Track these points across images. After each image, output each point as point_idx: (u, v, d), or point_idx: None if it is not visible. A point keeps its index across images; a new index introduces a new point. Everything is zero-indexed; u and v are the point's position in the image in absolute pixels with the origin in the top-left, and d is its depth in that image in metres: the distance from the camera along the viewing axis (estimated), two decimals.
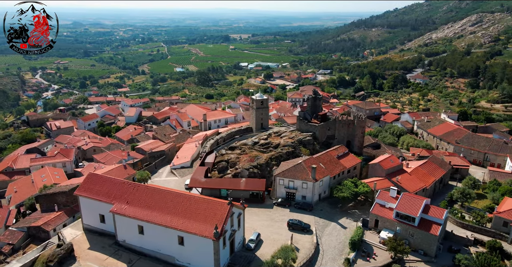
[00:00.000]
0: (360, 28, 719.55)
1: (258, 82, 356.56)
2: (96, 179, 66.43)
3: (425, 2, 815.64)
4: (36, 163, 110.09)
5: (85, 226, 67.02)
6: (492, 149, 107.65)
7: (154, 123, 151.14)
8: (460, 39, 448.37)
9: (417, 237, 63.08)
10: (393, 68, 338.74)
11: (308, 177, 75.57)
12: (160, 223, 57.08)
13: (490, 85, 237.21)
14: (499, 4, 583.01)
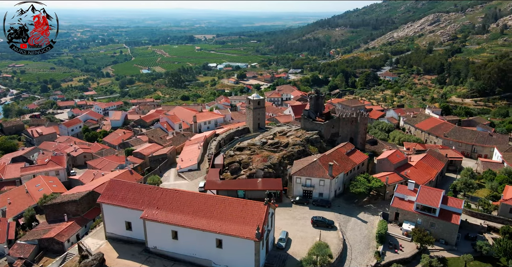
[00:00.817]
0: (324, 28, 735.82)
1: (232, 83, 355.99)
2: (119, 185, 64.46)
3: (383, 2, 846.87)
4: (27, 172, 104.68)
5: (109, 235, 64.85)
6: (478, 141, 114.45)
7: (143, 127, 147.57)
8: (421, 37, 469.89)
9: (438, 227, 66.27)
10: (363, 66, 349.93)
11: (325, 174, 77.19)
12: (197, 227, 56.42)
13: (456, 81, 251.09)
14: (453, 4, 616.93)
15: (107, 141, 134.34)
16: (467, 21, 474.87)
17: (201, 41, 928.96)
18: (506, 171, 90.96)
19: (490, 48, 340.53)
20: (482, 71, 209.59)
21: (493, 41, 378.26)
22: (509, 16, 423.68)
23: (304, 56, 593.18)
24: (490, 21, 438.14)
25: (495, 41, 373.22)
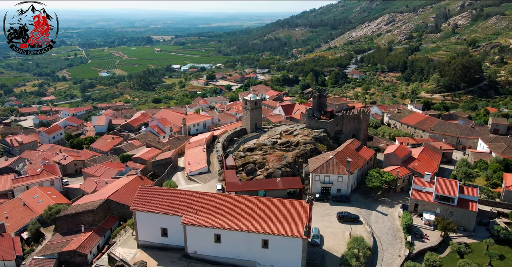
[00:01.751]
0: (284, 28, 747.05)
1: (201, 84, 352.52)
2: (151, 191, 62.93)
3: (338, 3, 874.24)
4: (20, 184, 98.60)
5: (141, 243, 63.06)
6: (463, 133, 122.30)
7: (130, 131, 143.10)
8: (380, 37, 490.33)
9: (456, 215, 70.59)
10: (330, 65, 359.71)
11: (343, 170, 79.54)
12: (242, 228, 56.43)
13: (421, 78, 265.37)
14: (405, 4, 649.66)
15: (96, 147, 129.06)
16: (420, 21, 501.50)
17: (160, 42, 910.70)
18: (496, 160, 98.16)
19: (446, 46, 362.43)
20: (447, 68, 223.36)
21: (446, 39, 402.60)
22: (458, 16, 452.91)
23: (267, 56, 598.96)
24: (441, 20, 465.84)
25: (448, 40, 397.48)
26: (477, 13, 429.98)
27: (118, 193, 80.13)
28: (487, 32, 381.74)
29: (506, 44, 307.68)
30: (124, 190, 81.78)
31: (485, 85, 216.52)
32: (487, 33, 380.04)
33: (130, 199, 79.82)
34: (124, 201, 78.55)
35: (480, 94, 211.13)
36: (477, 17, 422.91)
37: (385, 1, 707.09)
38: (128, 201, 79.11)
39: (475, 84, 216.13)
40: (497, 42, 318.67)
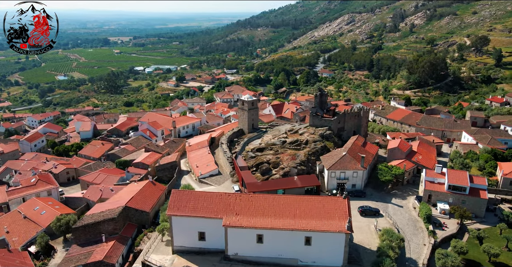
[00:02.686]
0: (246, 28, 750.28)
1: (171, 86, 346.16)
2: (185, 196, 61.99)
3: (297, 3, 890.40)
4: (16, 195, 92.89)
5: (177, 248, 62.01)
6: (447, 126, 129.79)
7: (118, 136, 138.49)
8: (342, 36, 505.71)
9: (468, 203, 75.30)
10: (299, 65, 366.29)
11: (357, 166, 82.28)
12: (285, 227, 57.14)
13: (389, 76, 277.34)
14: (362, 5, 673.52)
15: (86, 154, 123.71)
16: (378, 21, 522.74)
17: (117, 44, 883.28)
18: (485, 151, 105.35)
19: (406, 45, 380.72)
20: (415, 66, 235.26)
21: (405, 38, 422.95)
22: (414, 16, 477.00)
23: (232, 56, 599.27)
24: (398, 20, 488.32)
25: (407, 39, 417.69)
26: (431, 14, 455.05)
27: (134, 200, 77.89)
28: (442, 31, 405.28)
29: (461, 42, 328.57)
30: (140, 196, 79.62)
31: (450, 81, 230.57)
32: (442, 32, 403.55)
33: (147, 205, 78.43)
34: (142, 208, 76.62)
35: (447, 89, 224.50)
36: (432, 17, 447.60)
37: (343, 2, 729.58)
38: (146, 207, 77.53)
39: (442, 80, 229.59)
40: (454, 41, 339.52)
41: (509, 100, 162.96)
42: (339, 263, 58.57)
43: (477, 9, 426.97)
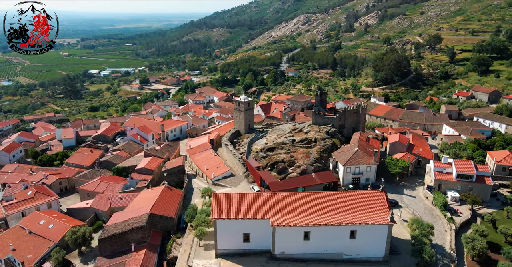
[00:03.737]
0: (202, 29, 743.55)
1: (135, 89, 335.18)
2: (227, 198, 61.65)
3: (251, 4, 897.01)
4: (15, 210, 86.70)
5: (221, 252, 61.52)
6: (428, 120, 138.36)
7: (105, 142, 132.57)
8: (301, 36, 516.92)
9: (475, 190, 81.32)
10: (264, 65, 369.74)
11: (370, 161, 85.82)
12: (331, 223, 58.81)
13: (354, 73, 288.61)
14: (315, 5, 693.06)
15: (75, 162, 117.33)
16: (333, 21, 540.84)
17: (64, 46, 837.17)
18: (469, 141, 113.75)
19: (364, 44, 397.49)
20: (381, 64, 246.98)
21: (361, 38, 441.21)
22: (367, 16, 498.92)
23: (190, 57, 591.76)
24: (352, 20, 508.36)
25: (363, 38, 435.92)
26: (382, 14, 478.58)
27: (157, 206, 75.76)
28: (394, 31, 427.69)
29: (414, 40, 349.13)
30: (161, 203, 77.54)
31: (413, 77, 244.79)
32: (395, 31, 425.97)
33: (171, 211, 76.74)
34: (167, 214, 74.86)
35: (411, 85, 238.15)
36: (383, 17, 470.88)
37: (296, 2, 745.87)
38: (170, 213, 75.87)
39: (406, 77, 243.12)
40: (408, 39, 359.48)
41: (474, 94, 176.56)
42: (381, 254, 61.23)
43: (424, 9, 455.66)
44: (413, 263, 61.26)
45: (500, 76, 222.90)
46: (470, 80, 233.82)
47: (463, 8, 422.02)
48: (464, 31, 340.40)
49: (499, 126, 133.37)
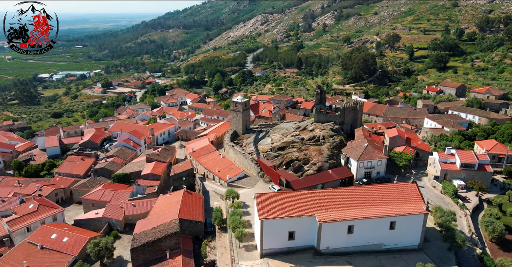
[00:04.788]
0: (157, 30, 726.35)
1: (98, 92, 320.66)
2: (270, 198, 62.09)
3: (205, 3, 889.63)
4: (20, 225, 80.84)
5: (266, 251, 61.80)
6: (409, 115, 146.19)
7: (93, 149, 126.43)
8: (261, 36, 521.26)
9: (477, 177, 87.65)
10: (229, 65, 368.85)
11: (380, 155, 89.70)
12: (373, 215, 61.21)
13: (321, 72, 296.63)
14: (270, 6, 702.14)
15: (66, 172, 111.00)
16: (291, 21, 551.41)
17: (5, 49, 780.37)
18: (454, 133, 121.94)
19: (325, 43, 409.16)
20: (349, 62, 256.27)
21: (320, 37, 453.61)
22: (324, 16, 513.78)
23: (147, 59, 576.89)
24: (310, 20, 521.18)
25: (322, 37, 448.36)
26: (338, 14, 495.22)
27: (183, 211, 74.29)
28: (351, 30, 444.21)
29: (372, 39, 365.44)
30: (186, 207, 76.07)
31: (379, 74, 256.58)
32: (352, 31, 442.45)
33: (198, 215, 75.75)
34: (195, 218, 73.87)
35: (378, 82, 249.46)
36: (340, 17, 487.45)
37: (251, 2, 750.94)
38: (198, 217, 75.00)
39: (373, 74, 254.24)
40: (366, 38, 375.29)
41: (443, 89, 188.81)
42: (416, 242, 64.60)
43: (377, 10, 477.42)
44: (445, 248, 65.24)
45: (458, 72, 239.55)
46: (431, 76, 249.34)
47: (412, 8, 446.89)
48: (416, 30, 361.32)
49: (473, 117, 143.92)
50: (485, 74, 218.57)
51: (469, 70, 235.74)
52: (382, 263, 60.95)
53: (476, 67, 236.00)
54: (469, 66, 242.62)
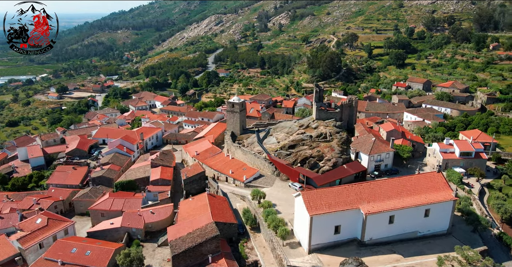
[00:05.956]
0: (105, 31, 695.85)
1: (54, 98, 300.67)
2: (315, 195, 63.13)
3: (152, 4, 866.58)
4: (32, 243, 75.08)
5: (314, 247, 62.92)
6: (389, 109, 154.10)
7: (82, 157, 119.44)
8: (218, 36, 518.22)
9: (475, 164, 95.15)
10: (191, 66, 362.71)
11: (388, 148, 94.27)
12: (411, 205, 64.66)
13: (287, 71, 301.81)
14: (222, 6, 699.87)
15: (59, 183, 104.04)
16: (246, 21, 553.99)
17: None
18: (436, 125, 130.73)
19: (284, 43, 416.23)
20: (316, 61, 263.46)
21: (277, 37, 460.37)
22: (278, 16, 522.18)
23: (96, 61, 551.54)
24: (265, 20, 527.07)
25: (279, 37, 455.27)
26: (292, 14, 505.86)
27: (215, 214, 73.16)
28: (307, 30, 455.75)
29: (330, 39, 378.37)
30: (215, 210, 74.89)
31: (345, 72, 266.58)
32: (307, 30, 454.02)
33: (229, 217, 75.05)
34: (229, 220, 73.13)
35: (345, 79, 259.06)
36: (294, 17, 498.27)
37: (202, 2, 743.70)
38: (231, 219, 74.39)
39: (339, 72, 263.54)
40: (323, 38, 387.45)
41: (410, 84, 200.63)
42: (445, 227, 68.96)
43: (329, 10, 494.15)
44: (469, 231, 70.39)
45: (416, 68, 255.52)
46: (391, 73, 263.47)
47: (362, 9, 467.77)
48: (369, 29, 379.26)
49: (445, 110, 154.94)
50: (441, 70, 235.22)
51: (426, 67, 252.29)
52: (421, 249, 64.45)
53: (432, 64, 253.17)
54: (425, 63, 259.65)
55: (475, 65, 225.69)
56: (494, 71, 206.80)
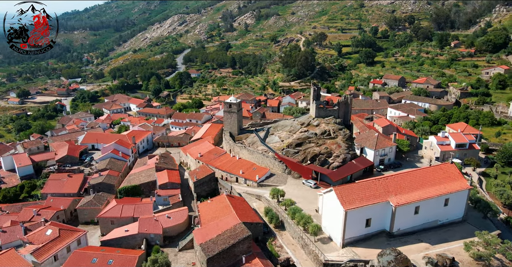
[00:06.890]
0: (60, 32, 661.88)
1: (15, 103, 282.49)
2: (347, 190, 64.62)
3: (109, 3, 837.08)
4: (46, 255, 71.23)
5: (347, 241, 64.46)
6: (373, 105, 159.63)
7: (74, 164, 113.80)
8: (183, 37, 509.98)
9: (468, 154, 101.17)
10: (161, 67, 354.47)
11: (391, 142, 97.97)
12: (434, 195, 67.90)
13: (260, 71, 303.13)
14: (183, 6, 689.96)
15: (55, 192, 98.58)
16: (210, 21, 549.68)
17: None
18: (421, 119, 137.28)
19: (252, 43, 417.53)
20: (290, 60, 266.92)
21: (244, 37, 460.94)
22: (243, 16, 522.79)
23: (53, 63, 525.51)
24: (230, 20, 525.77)
25: (247, 37, 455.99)
26: (257, 14, 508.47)
27: (239, 215, 72.80)
28: (273, 29, 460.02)
29: (297, 38, 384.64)
30: (239, 211, 74.52)
31: (319, 70, 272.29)
32: (273, 30, 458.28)
33: (254, 217, 75.05)
34: (255, 220, 73.21)
35: (319, 78, 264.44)
36: (259, 17, 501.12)
37: (162, 2, 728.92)
38: (256, 219, 74.45)
39: (313, 71, 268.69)
40: (292, 37, 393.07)
41: (386, 81, 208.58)
42: (461, 215, 72.96)
43: (294, 10, 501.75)
44: (480, 217, 74.93)
45: (385, 66, 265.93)
46: (362, 70, 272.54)
47: (325, 9, 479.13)
48: (334, 29, 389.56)
49: (423, 105, 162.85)
50: (410, 67, 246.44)
51: (394, 64, 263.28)
52: (444, 237, 67.83)
53: (400, 61, 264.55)
54: (393, 61, 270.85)
55: (440, 62, 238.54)
56: (459, 67, 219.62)
